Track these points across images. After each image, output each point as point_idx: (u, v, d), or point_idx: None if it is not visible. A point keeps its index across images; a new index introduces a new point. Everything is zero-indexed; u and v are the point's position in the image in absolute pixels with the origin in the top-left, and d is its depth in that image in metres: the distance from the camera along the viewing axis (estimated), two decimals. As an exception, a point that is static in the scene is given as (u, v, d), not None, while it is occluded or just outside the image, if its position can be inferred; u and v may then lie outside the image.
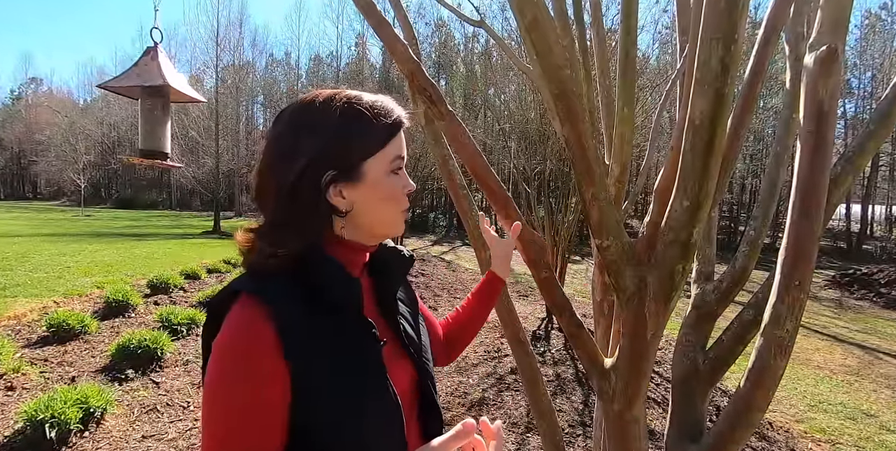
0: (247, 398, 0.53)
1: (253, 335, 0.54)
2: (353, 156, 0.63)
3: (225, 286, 0.60)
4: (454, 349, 0.94)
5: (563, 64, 0.72)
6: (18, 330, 4.00)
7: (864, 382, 4.66)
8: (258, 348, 0.54)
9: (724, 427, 0.94)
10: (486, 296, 0.98)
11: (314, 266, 0.60)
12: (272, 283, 0.58)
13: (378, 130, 0.64)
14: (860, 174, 1.14)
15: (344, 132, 0.62)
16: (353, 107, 0.63)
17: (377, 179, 0.64)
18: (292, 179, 0.60)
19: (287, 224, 0.61)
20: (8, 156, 41.53)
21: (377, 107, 0.65)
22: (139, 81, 1.59)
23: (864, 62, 20.13)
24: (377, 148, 0.64)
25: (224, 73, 23.06)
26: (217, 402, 0.54)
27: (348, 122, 0.62)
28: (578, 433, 2.94)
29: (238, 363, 0.54)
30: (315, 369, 0.56)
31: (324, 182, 0.61)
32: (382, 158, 0.64)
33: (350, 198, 0.63)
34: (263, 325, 0.54)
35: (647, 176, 1.57)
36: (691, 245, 0.72)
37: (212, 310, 0.60)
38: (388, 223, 0.68)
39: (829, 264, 13.91)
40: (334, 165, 0.62)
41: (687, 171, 0.69)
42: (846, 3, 0.82)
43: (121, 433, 2.70)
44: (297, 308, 0.57)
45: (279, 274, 0.59)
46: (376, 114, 0.64)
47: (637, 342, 0.80)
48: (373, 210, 0.65)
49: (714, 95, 0.64)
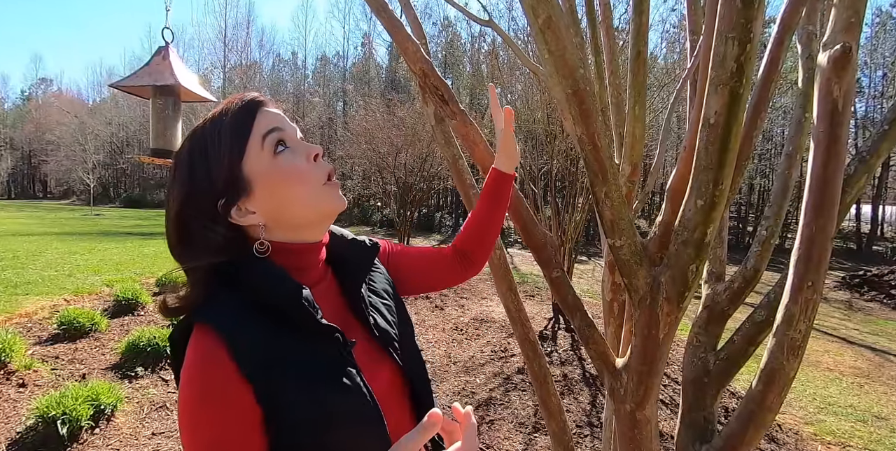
0: (218, 427, 0.52)
1: (210, 364, 0.52)
2: (222, 173, 0.58)
3: (179, 321, 0.59)
4: (476, 259, 0.88)
5: (578, 64, 0.72)
6: (30, 327, 4.05)
7: (875, 384, 4.61)
8: (218, 376, 0.52)
9: (735, 428, 0.93)
10: (496, 196, 0.88)
11: (255, 282, 0.58)
12: (223, 308, 0.56)
13: (226, 132, 0.59)
14: (873, 175, 1.13)
15: (196, 162, 0.59)
16: (194, 135, 0.61)
17: (265, 173, 0.59)
18: (173, 233, 0.61)
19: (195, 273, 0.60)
20: (18, 156, 41.99)
21: (215, 116, 0.61)
22: (150, 80, 1.61)
23: (875, 61, 19.91)
24: (240, 147, 0.59)
25: (231, 73, 23.19)
26: (191, 432, 0.52)
27: (196, 149, 0.60)
28: (586, 434, 2.94)
29: (203, 393, 0.52)
30: (279, 388, 0.54)
31: (221, 213, 0.59)
32: (253, 150, 0.59)
33: (258, 208, 0.60)
34: (218, 353, 0.52)
35: (657, 175, 1.56)
36: (705, 245, 0.72)
37: (173, 343, 0.58)
38: (310, 203, 0.61)
39: (839, 266, 13.77)
40: (214, 193, 0.59)
41: (701, 170, 0.68)
42: (861, 2, 0.81)
43: (131, 430, 2.73)
44: (251, 329, 0.55)
45: (229, 299, 0.57)
46: (217, 122, 0.60)
47: (650, 342, 0.80)
48: (287, 202, 0.60)
49: (729, 95, 0.64)
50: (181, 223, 0.60)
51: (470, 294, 6.97)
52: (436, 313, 5.86)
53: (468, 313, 5.79)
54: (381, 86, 27.68)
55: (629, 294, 0.84)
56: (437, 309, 6.05)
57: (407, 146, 8.85)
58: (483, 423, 3.01)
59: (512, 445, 2.78)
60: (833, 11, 0.84)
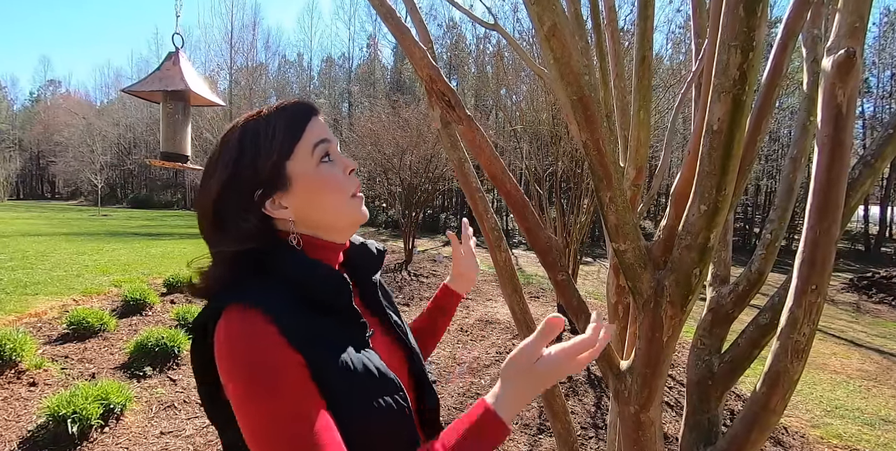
0: (291, 387, 0.53)
1: (262, 337, 0.54)
2: (267, 166, 0.62)
3: (206, 306, 0.60)
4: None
5: (583, 70, 0.73)
6: (40, 327, 4.10)
7: (883, 387, 4.58)
8: (275, 347, 0.54)
9: (739, 431, 0.94)
10: (444, 310, 0.96)
11: (290, 268, 0.61)
12: (262, 290, 0.59)
13: (281, 131, 0.63)
14: (879, 178, 1.13)
15: (246, 150, 0.62)
16: (248, 124, 0.64)
17: (308, 176, 0.64)
18: (210, 214, 0.63)
19: (223, 255, 0.63)
20: (27, 156, 42.44)
21: (273, 112, 0.65)
22: (161, 85, 1.64)
23: (883, 61, 19.74)
24: (290, 147, 0.63)
25: (238, 74, 23.33)
26: (266, 401, 0.52)
27: (247, 138, 0.63)
28: (591, 435, 2.94)
29: (268, 363, 0.53)
30: (323, 362, 0.56)
31: (256, 202, 0.62)
32: (302, 153, 0.64)
33: (291, 204, 0.63)
34: (268, 328, 0.54)
35: (662, 178, 1.57)
36: (708, 250, 0.73)
37: (200, 327, 0.59)
38: (340, 212, 0.66)
39: (847, 267, 13.66)
40: (255, 183, 0.62)
41: (704, 176, 0.69)
42: (865, 6, 0.82)
43: (140, 429, 2.76)
44: (293, 310, 0.58)
45: (264, 284, 0.60)
46: (273, 119, 0.64)
47: (654, 345, 0.81)
48: (319, 206, 0.65)
49: (732, 102, 0.65)
50: (218, 205, 0.63)
51: (475, 295, 6.98)
52: (441, 314, 5.86)
53: (473, 315, 5.80)
54: (386, 87, 27.74)
55: (633, 297, 0.85)
56: (441, 310, 6.05)
57: (412, 147, 8.86)
58: (488, 424, 3.02)
59: (517, 446, 2.79)
60: (837, 16, 0.85)
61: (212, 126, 18.23)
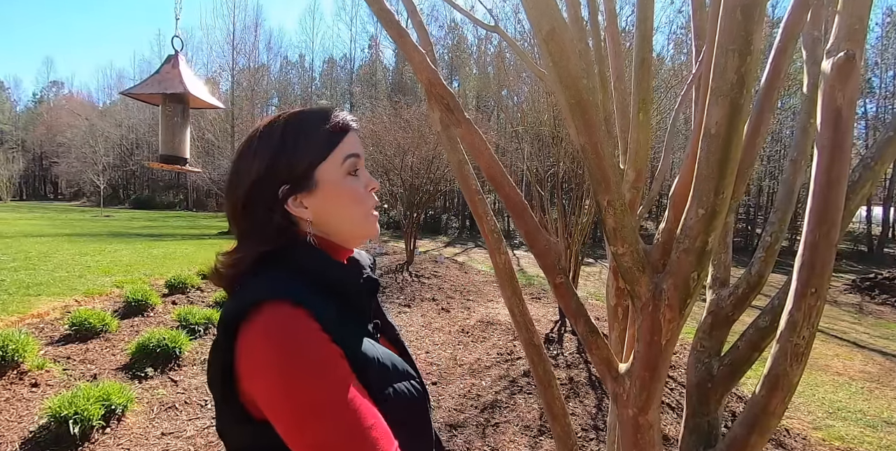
0: (343, 380, 0.55)
1: (309, 331, 0.56)
2: (301, 165, 0.65)
3: (232, 302, 0.60)
4: None
5: (581, 74, 0.73)
6: (42, 328, 4.11)
7: (885, 389, 4.56)
8: (320, 338, 0.56)
9: (738, 433, 0.94)
10: None
11: (314, 264, 0.64)
12: (296, 285, 0.60)
13: (321, 135, 0.66)
14: (879, 180, 1.13)
15: (287, 146, 0.65)
16: (292, 121, 0.68)
17: (334, 183, 0.67)
18: (242, 199, 0.65)
19: (247, 240, 0.66)
20: (30, 157, 42.58)
21: (316, 115, 0.68)
22: (160, 88, 1.64)
23: (886, 61, 19.68)
24: (325, 153, 0.66)
25: (240, 76, 23.39)
26: (319, 393, 0.53)
27: (289, 135, 0.66)
28: (591, 437, 2.94)
29: (315, 356, 0.55)
30: (355, 354, 0.59)
31: (280, 197, 0.65)
32: (334, 161, 0.67)
33: (311, 206, 0.66)
34: (308, 321, 0.56)
35: (663, 179, 1.57)
36: (706, 253, 0.73)
37: (231, 323, 0.57)
38: (356, 225, 0.69)
39: (850, 268, 13.62)
40: (285, 178, 0.65)
41: (702, 179, 0.69)
42: (864, 8, 0.81)
43: (141, 430, 2.77)
44: (327, 305, 0.60)
45: (293, 280, 0.61)
46: (317, 122, 0.67)
47: (652, 348, 0.81)
48: (337, 214, 0.68)
49: (730, 106, 0.65)
50: (252, 193, 0.65)
51: (476, 297, 6.98)
52: (442, 316, 5.87)
53: (474, 316, 5.80)
54: (387, 88, 27.76)
55: (632, 300, 0.85)
56: (443, 311, 6.06)
57: (413, 148, 8.87)
58: (489, 426, 3.02)
59: (517, 448, 2.79)
60: (837, 18, 0.85)
61: (213, 127, 18.30)
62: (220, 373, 0.58)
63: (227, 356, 0.57)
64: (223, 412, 0.61)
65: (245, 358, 0.56)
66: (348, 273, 0.67)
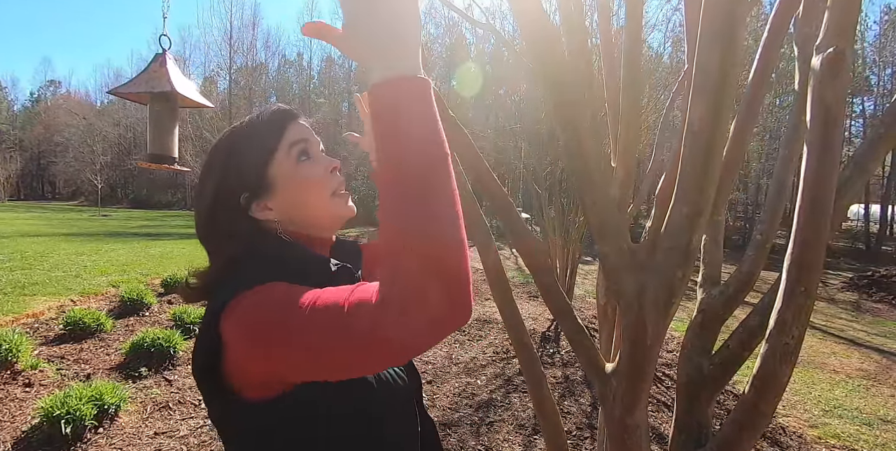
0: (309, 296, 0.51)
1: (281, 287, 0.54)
2: (250, 171, 0.66)
3: (217, 296, 0.59)
4: None
5: (567, 76, 0.72)
6: (36, 328, 4.09)
7: (882, 387, 4.56)
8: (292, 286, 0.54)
9: (728, 433, 0.93)
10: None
11: (284, 253, 0.64)
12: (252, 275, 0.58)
13: (262, 136, 0.67)
14: (870, 178, 1.12)
15: (232, 155, 0.66)
16: (236, 130, 0.68)
17: (288, 177, 0.66)
18: (205, 214, 0.66)
19: (219, 254, 0.66)
20: (28, 157, 42.48)
21: (257, 119, 0.68)
22: (148, 87, 1.62)
23: (884, 59, 19.69)
24: (270, 151, 0.66)
25: (237, 74, 23.32)
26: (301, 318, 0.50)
27: (234, 144, 0.67)
28: (586, 436, 2.93)
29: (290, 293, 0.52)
30: None
31: (243, 205, 0.65)
32: (281, 156, 0.66)
33: (275, 206, 0.66)
34: (280, 285, 0.55)
35: (654, 178, 1.56)
36: (691, 252, 0.72)
37: (207, 323, 0.57)
38: (322, 208, 0.69)
39: (847, 266, 13.63)
40: (241, 187, 0.65)
41: (686, 178, 0.68)
42: (854, 4, 0.80)
43: (134, 430, 2.75)
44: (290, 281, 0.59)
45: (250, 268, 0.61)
46: (256, 125, 0.67)
47: (637, 348, 0.80)
48: (301, 204, 0.67)
49: (712, 101, 0.64)
50: (212, 207, 0.66)
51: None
52: (439, 314, 5.85)
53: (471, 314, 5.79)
54: (385, 86, 27.62)
55: (617, 300, 0.84)
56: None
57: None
58: (483, 424, 3.01)
59: (512, 447, 2.78)
60: (826, 14, 0.83)
61: (211, 126, 18.25)
62: (207, 358, 0.57)
63: (214, 344, 0.56)
64: (212, 402, 0.62)
65: (233, 340, 0.54)
66: (319, 260, 0.66)
